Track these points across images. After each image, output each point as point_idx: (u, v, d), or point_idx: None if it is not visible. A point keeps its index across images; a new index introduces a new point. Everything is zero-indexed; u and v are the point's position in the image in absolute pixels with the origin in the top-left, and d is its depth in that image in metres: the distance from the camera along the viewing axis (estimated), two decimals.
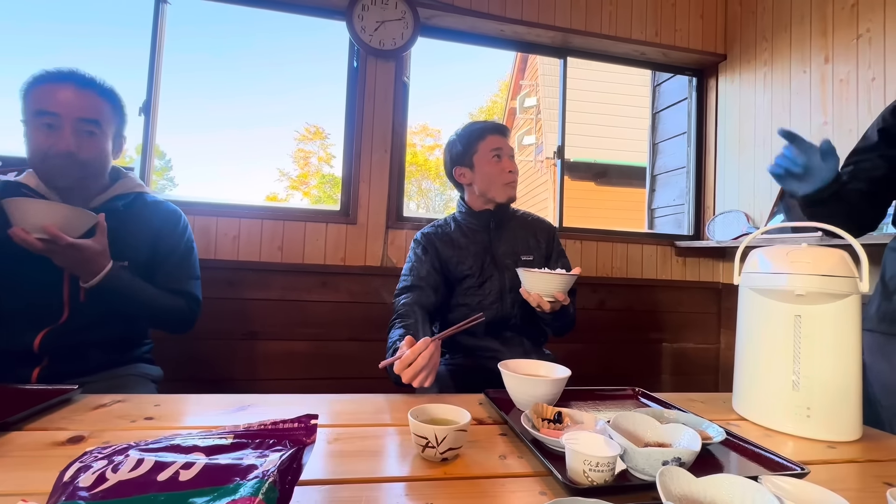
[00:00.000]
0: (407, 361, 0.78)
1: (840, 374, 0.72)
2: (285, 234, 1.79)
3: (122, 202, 1.03)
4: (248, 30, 9.50)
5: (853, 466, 0.63)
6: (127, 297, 0.98)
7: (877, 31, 1.59)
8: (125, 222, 1.02)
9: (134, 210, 1.06)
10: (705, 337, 2.24)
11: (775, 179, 0.92)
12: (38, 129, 0.92)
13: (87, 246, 0.87)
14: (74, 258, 0.87)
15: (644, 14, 2.17)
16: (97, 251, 0.89)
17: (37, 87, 0.93)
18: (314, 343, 1.79)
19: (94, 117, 0.95)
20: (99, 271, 0.90)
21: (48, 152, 0.92)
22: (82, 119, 0.94)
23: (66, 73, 0.95)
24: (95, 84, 0.97)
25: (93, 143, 0.96)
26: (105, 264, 0.91)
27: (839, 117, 1.70)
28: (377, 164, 1.88)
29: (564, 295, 0.96)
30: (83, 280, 0.91)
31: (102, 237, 0.91)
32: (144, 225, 1.07)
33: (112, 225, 0.97)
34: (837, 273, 0.71)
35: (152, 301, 1.02)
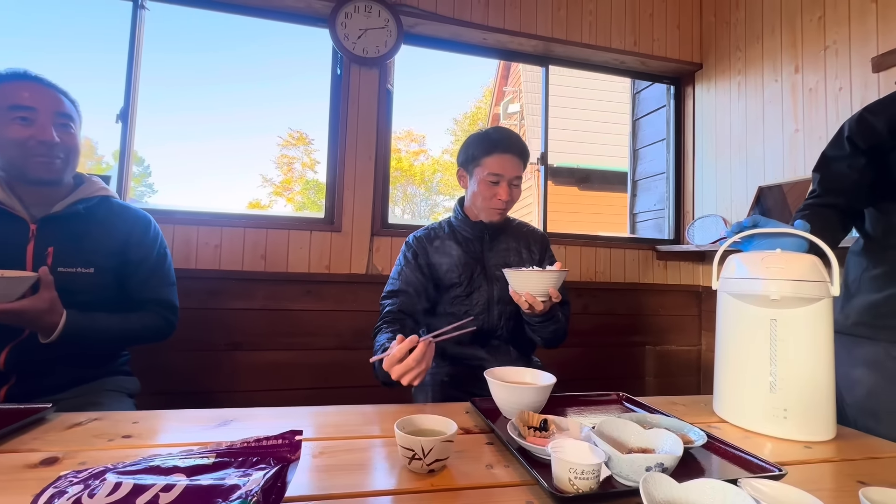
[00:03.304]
0: (395, 359, 0.77)
1: (814, 376, 0.74)
2: (268, 242, 1.76)
3: (83, 206, 1.00)
4: (230, 36, 9.41)
5: (828, 466, 0.65)
6: (93, 339, 0.95)
7: (842, 43, 1.66)
8: (89, 227, 1.00)
9: (99, 214, 1.03)
10: (687, 339, 2.29)
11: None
12: (12, 122, 0.91)
13: (28, 308, 0.81)
14: (19, 320, 0.83)
15: (623, 24, 2.22)
16: (42, 310, 0.84)
17: (2, 85, 0.92)
18: (299, 353, 1.77)
19: (68, 112, 0.97)
20: (53, 327, 0.86)
21: (28, 143, 0.91)
22: (59, 112, 0.95)
23: (23, 72, 0.95)
24: (56, 85, 0.98)
25: (70, 136, 0.98)
26: (57, 320, 0.87)
27: (810, 125, 1.76)
28: (361, 172, 1.88)
29: (557, 292, 0.93)
30: (41, 337, 0.88)
31: (47, 292, 0.85)
32: (112, 230, 1.04)
33: (75, 230, 0.96)
34: (810, 278, 0.73)
35: (123, 333, 1.00)
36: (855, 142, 0.94)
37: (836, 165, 0.97)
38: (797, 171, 1.79)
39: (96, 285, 0.99)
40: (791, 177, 1.81)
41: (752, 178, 1.98)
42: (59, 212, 0.97)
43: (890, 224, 0.90)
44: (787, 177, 1.83)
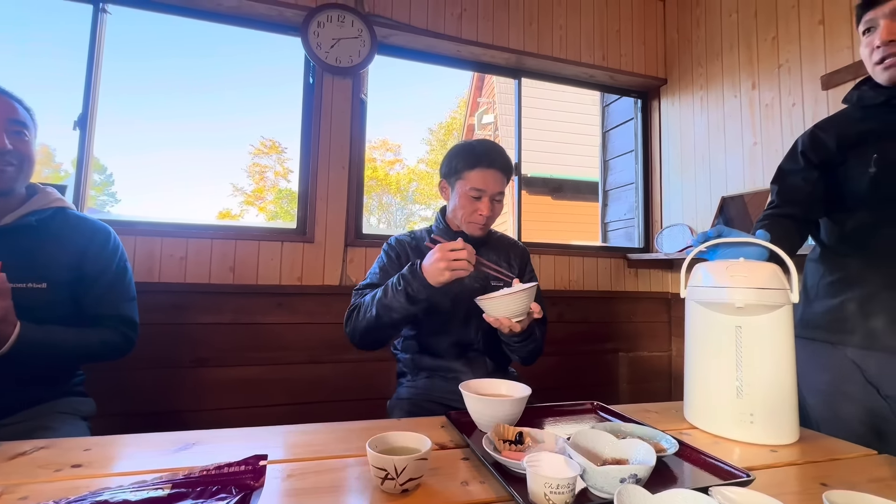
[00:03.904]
0: (450, 246, 0.90)
1: (778, 381, 0.77)
2: (237, 253, 1.71)
3: (35, 217, 0.95)
4: (200, 43, 9.16)
5: (793, 469, 0.67)
6: (47, 354, 0.90)
7: (794, 61, 1.76)
8: (42, 240, 0.95)
9: (53, 227, 0.98)
10: (658, 345, 2.34)
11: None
12: None
13: None
14: None
15: (592, 39, 2.29)
16: None
17: None
18: (269, 368, 1.71)
19: (22, 119, 0.93)
20: (5, 338, 0.81)
21: None
22: (12, 119, 0.91)
23: None
24: (9, 92, 0.94)
25: (25, 144, 0.93)
26: (10, 331, 0.81)
27: (767, 138, 1.85)
28: (335, 182, 1.85)
29: (537, 305, 0.93)
30: None
31: (2, 300, 0.80)
32: (67, 243, 0.99)
33: (26, 243, 0.91)
34: (771, 286, 0.76)
35: (79, 348, 0.95)
36: (808, 156, 0.99)
37: (791, 178, 1.01)
38: (756, 182, 1.87)
39: (49, 301, 0.93)
40: (751, 187, 1.89)
41: (715, 188, 2.07)
42: (8, 224, 0.91)
43: (843, 233, 0.94)
44: (748, 187, 1.91)
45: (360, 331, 1.01)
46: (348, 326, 1.05)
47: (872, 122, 0.91)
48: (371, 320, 0.98)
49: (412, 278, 0.94)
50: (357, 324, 1.02)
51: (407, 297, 0.94)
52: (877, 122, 0.91)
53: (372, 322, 0.98)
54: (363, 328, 1.01)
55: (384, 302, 0.97)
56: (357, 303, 1.06)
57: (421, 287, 0.93)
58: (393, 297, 0.96)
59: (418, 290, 0.94)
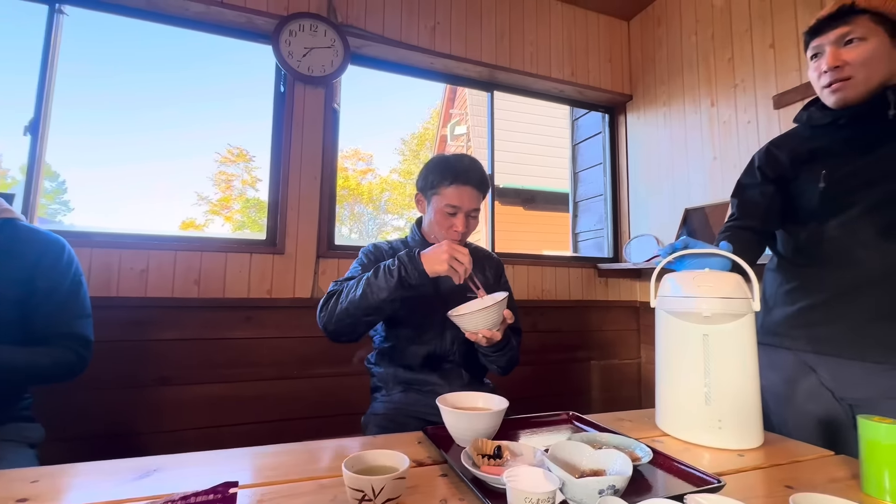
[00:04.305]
0: (462, 249, 0.95)
1: (743, 387, 0.80)
2: (203, 266, 1.64)
3: None
4: (164, 46, 8.83)
5: (760, 473, 0.69)
6: None
7: (749, 81, 1.87)
8: None
9: (1, 240, 0.92)
10: (628, 353, 2.40)
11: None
12: None
13: None
14: None
15: (561, 56, 2.37)
16: None
17: None
18: (237, 385, 1.64)
19: None
20: None
21: None
22: None
23: None
24: None
25: None
26: None
27: (725, 153, 1.95)
28: (306, 192, 1.82)
29: (510, 312, 0.96)
30: None
31: None
32: (16, 257, 0.93)
33: None
34: (735, 295, 0.79)
35: (29, 369, 0.89)
36: (764, 171, 1.05)
37: (749, 192, 1.07)
38: (717, 195, 1.97)
39: None
40: (712, 200, 1.99)
41: (678, 200, 2.15)
42: None
43: (797, 244, 1.00)
44: (709, 200, 2.00)
45: (338, 314, 0.98)
46: (323, 311, 1.01)
47: (821, 141, 0.97)
48: (354, 300, 0.96)
49: (409, 262, 0.95)
50: (336, 306, 0.99)
51: (399, 280, 0.94)
52: (825, 141, 0.97)
53: (354, 302, 0.96)
54: (342, 310, 0.97)
55: (374, 282, 0.96)
56: (337, 289, 1.03)
57: (415, 272, 0.94)
58: (385, 278, 0.95)
59: (412, 274, 0.94)
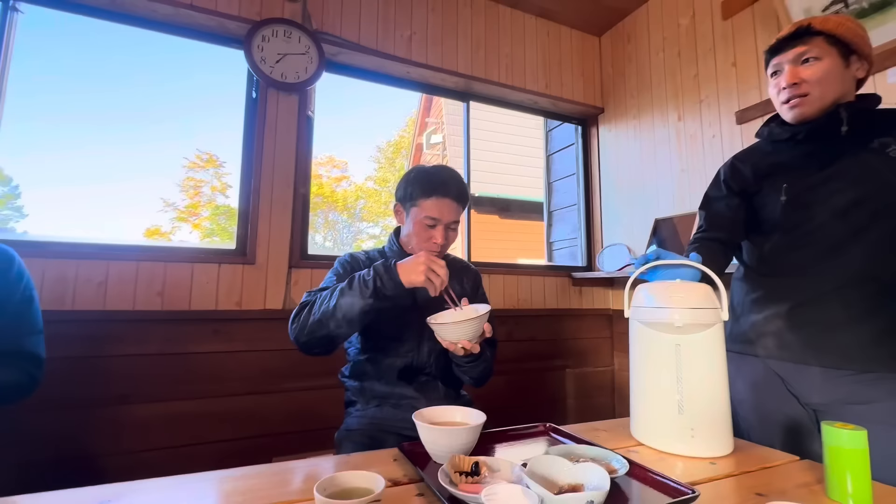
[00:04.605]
0: (440, 262, 0.93)
1: (714, 395, 0.81)
2: (167, 276, 1.57)
3: None
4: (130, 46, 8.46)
5: (731, 481, 0.70)
6: None
7: (713, 98, 1.95)
8: None
9: None
10: (601, 360, 2.43)
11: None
12: None
13: None
14: None
15: (536, 68, 2.41)
16: None
17: None
18: (203, 402, 1.57)
19: None
20: None
21: None
22: None
23: None
24: None
25: None
26: None
27: (692, 166, 2.02)
28: (279, 200, 1.77)
29: (489, 325, 0.96)
30: None
31: None
32: None
33: None
34: (706, 305, 0.81)
35: None
36: (729, 184, 1.09)
37: (716, 205, 1.11)
38: (685, 206, 2.03)
39: None
40: (680, 210, 2.05)
41: (649, 210, 2.22)
42: None
43: (761, 255, 1.04)
44: (678, 210, 2.07)
45: (310, 325, 0.95)
46: (295, 323, 0.98)
47: (781, 156, 1.02)
48: (328, 311, 0.93)
49: (384, 272, 0.93)
50: (308, 318, 0.96)
51: (374, 291, 0.92)
52: (785, 156, 1.01)
53: (328, 313, 0.93)
54: (314, 321, 0.94)
55: (348, 291, 0.93)
56: (310, 299, 1.00)
57: (391, 283, 0.92)
58: (359, 289, 0.92)
59: (387, 285, 0.92)
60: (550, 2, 2.34)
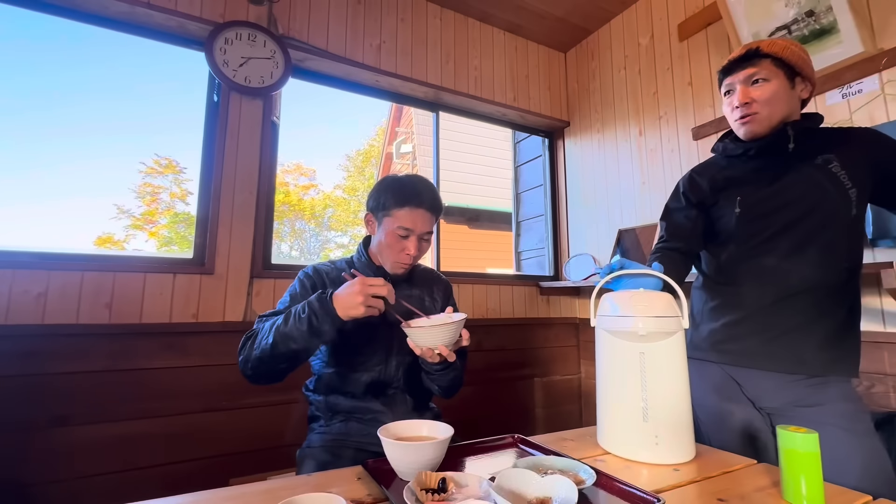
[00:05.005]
0: (376, 282, 0.87)
1: (677, 402, 0.83)
2: (116, 287, 1.47)
3: None
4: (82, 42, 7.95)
5: (694, 487, 0.71)
6: None
7: (671, 114, 2.04)
8: None
9: None
10: (569, 368, 2.46)
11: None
12: None
13: None
14: None
15: (504, 81, 2.46)
16: None
17: None
18: (154, 421, 1.47)
19: None
20: None
21: None
22: None
23: None
24: None
25: None
26: None
27: (652, 179, 2.10)
28: (240, 207, 1.70)
29: (466, 331, 0.94)
30: None
31: None
32: None
33: None
34: (668, 314, 0.83)
35: None
36: (688, 196, 1.13)
37: (675, 216, 1.14)
38: (646, 217, 2.11)
39: None
40: (642, 222, 2.12)
41: (612, 221, 2.28)
42: None
43: (718, 264, 1.08)
44: (639, 222, 2.14)
45: (254, 360, 0.91)
46: (241, 355, 0.94)
47: (735, 170, 1.07)
48: (266, 349, 0.89)
49: (319, 307, 0.88)
50: (251, 352, 0.91)
51: (310, 328, 0.87)
52: (738, 170, 1.06)
53: (267, 351, 0.89)
54: (256, 357, 0.90)
55: (284, 330, 0.88)
56: (258, 327, 0.96)
57: (327, 318, 0.87)
58: (294, 326, 0.87)
59: (323, 321, 0.87)
60: (518, 17, 2.40)
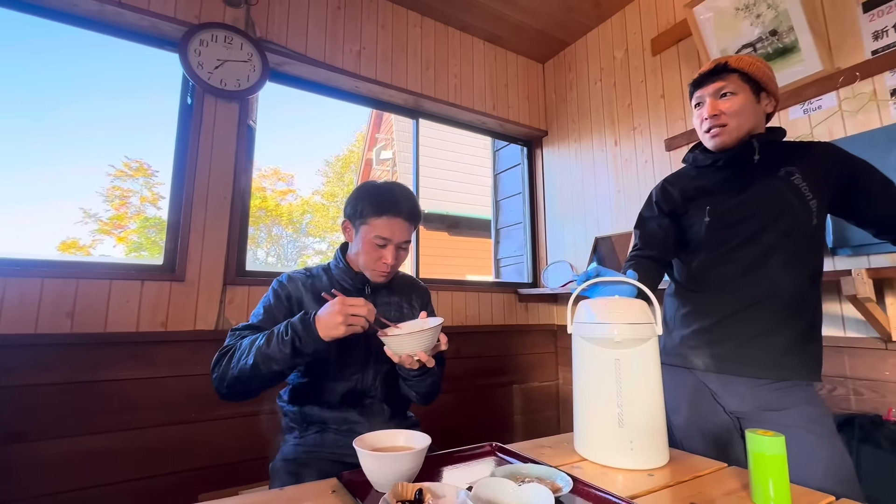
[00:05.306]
0: (356, 303, 0.86)
1: (651, 407, 0.84)
2: (79, 295, 1.41)
3: None
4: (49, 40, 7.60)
5: (668, 492, 0.72)
6: None
7: (645, 126, 2.10)
8: None
9: None
10: (547, 375, 2.48)
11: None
12: None
13: None
14: None
15: (483, 90, 2.48)
16: None
17: None
18: (118, 435, 1.40)
19: None
20: None
21: None
22: None
23: None
24: None
25: None
26: None
27: (627, 188, 2.15)
28: (214, 212, 1.66)
29: (444, 336, 0.94)
30: None
31: None
32: None
33: None
34: (642, 321, 0.84)
35: None
36: (660, 205, 1.16)
37: (649, 224, 1.17)
38: (621, 225, 2.15)
39: None
40: (617, 230, 2.17)
41: (589, 229, 2.32)
42: None
43: (689, 272, 1.11)
44: (615, 230, 2.18)
45: (231, 379, 0.89)
46: (215, 372, 0.91)
47: (704, 180, 1.10)
48: (246, 369, 0.87)
49: (302, 329, 0.87)
50: (227, 370, 0.89)
51: (293, 350, 0.86)
52: (707, 180, 1.10)
53: (246, 372, 0.87)
54: (234, 376, 0.88)
55: (266, 351, 0.87)
56: (231, 345, 0.93)
57: (310, 340, 0.87)
58: (277, 348, 0.86)
59: (306, 343, 0.86)
60: (497, 28, 2.44)
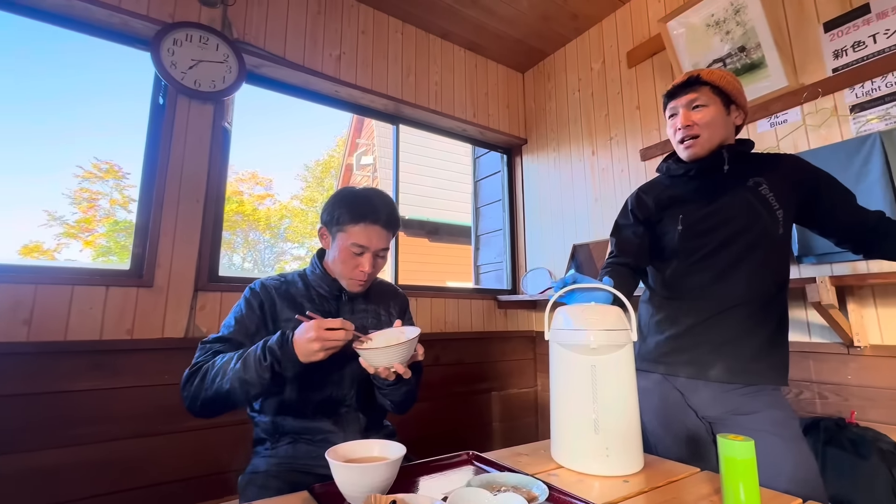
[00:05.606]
0: (333, 325, 0.82)
1: (626, 413, 0.85)
2: (38, 301, 1.34)
3: None
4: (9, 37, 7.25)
5: (643, 498, 0.73)
6: None
7: (621, 136, 2.15)
8: None
9: None
10: (525, 381, 2.49)
11: None
12: None
13: None
14: None
15: (464, 97, 2.50)
16: None
17: None
18: (79, 449, 1.33)
19: None
20: None
21: None
22: None
23: None
24: None
25: None
26: None
27: (604, 196, 2.19)
28: (185, 216, 1.61)
29: (420, 346, 0.92)
30: None
31: None
32: None
33: None
34: (618, 327, 0.85)
35: None
36: (635, 214, 1.18)
37: (624, 232, 1.19)
38: (598, 233, 2.19)
39: None
40: (594, 237, 2.20)
41: (567, 236, 2.35)
42: None
43: (663, 279, 1.13)
44: (592, 237, 2.22)
45: (205, 400, 0.86)
46: (186, 391, 0.88)
47: (677, 189, 1.13)
48: (222, 392, 0.84)
49: (281, 353, 0.84)
50: (200, 391, 0.86)
51: (273, 375, 0.84)
52: (680, 190, 1.13)
53: (223, 394, 0.84)
54: (209, 398, 0.85)
55: (244, 377, 0.84)
56: (202, 362, 0.90)
57: (289, 364, 0.84)
58: (256, 374, 0.84)
59: (286, 368, 0.84)
60: (478, 37, 2.46)
